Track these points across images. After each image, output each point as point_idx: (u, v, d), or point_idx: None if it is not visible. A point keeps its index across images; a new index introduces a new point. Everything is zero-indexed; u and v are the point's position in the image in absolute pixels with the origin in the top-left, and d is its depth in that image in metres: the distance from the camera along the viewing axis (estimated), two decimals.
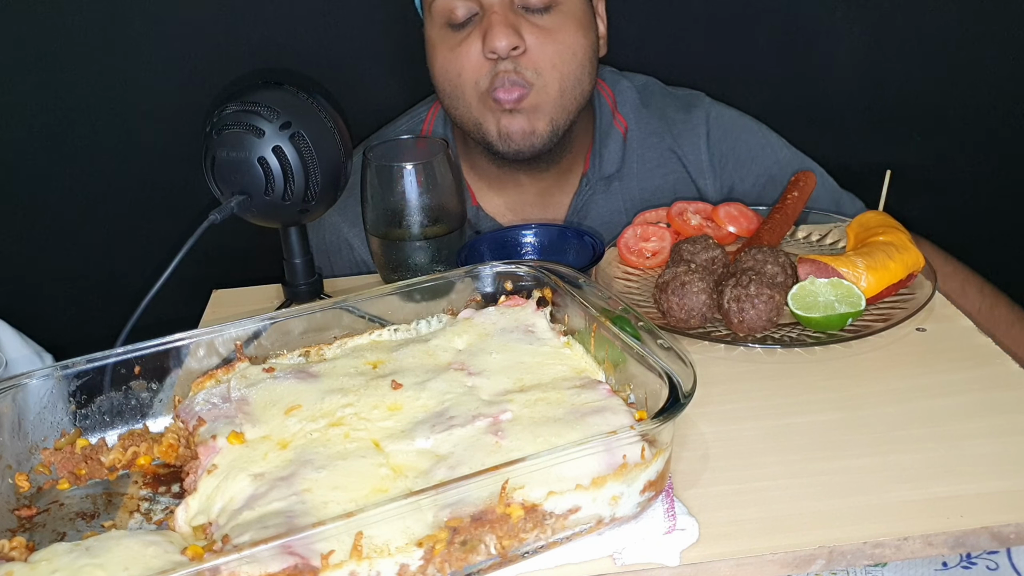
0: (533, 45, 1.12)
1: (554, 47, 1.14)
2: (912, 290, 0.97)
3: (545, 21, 1.13)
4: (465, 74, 1.14)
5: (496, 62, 1.12)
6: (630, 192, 1.28)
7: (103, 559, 0.59)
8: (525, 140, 1.16)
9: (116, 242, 1.54)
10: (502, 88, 1.13)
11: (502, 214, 1.29)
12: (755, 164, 1.30)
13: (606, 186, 1.27)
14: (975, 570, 0.74)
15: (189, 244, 0.90)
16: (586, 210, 1.27)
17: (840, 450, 0.75)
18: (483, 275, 0.89)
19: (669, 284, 0.93)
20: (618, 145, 1.27)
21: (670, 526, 0.66)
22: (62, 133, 1.47)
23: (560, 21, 1.14)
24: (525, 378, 0.76)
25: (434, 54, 1.17)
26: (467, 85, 1.15)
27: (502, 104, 1.14)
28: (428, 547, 0.59)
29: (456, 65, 1.14)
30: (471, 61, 1.13)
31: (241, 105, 0.92)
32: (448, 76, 1.16)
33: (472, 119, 1.17)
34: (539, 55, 1.13)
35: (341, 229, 1.25)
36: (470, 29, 1.13)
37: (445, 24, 1.14)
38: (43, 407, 0.75)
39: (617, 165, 1.28)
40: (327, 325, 0.85)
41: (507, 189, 1.27)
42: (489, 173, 1.27)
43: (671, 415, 0.64)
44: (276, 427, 0.72)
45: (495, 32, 1.09)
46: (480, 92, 1.14)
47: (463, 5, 1.12)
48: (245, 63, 1.44)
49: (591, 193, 1.27)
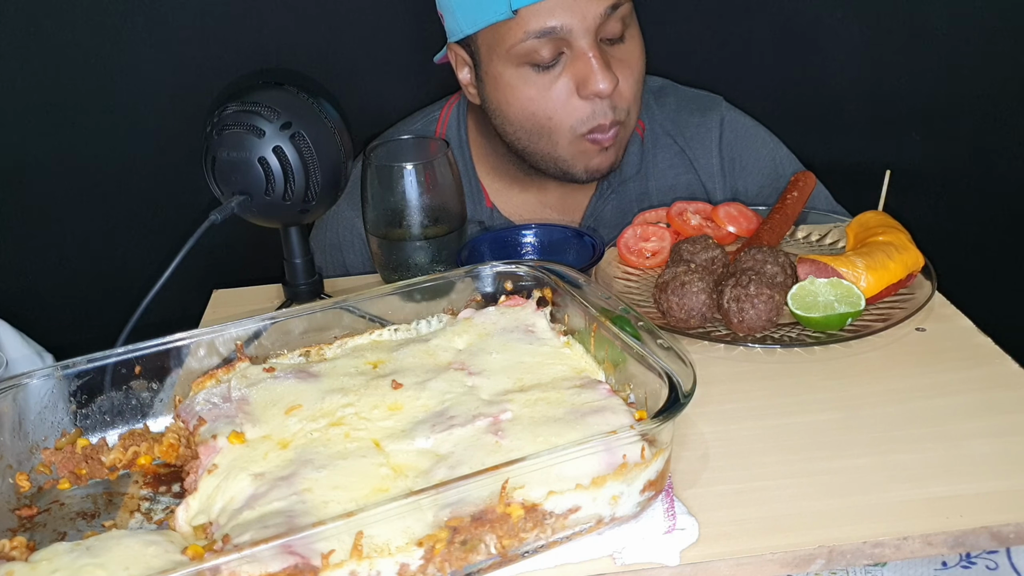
0: (620, 79, 1.11)
1: (634, 79, 1.13)
2: (912, 290, 0.97)
3: (623, 52, 1.12)
4: (557, 117, 1.12)
5: (593, 103, 1.10)
6: (645, 194, 1.29)
7: (104, 559, 0.59)
8: (607, 172, 1.18)
9: (116, 242, 1.54)
10: (601, 133, 1.12)
11: (518, 215, 1.29)
12: (761, 174, 1.30)
13: (622, 188, 1.28)
14: (975, 570, 0.74)
15: (189, 244, 0.90)
16: (602, 212, 1.28)
17: (840, 450, 0.75)
18: (483, 275, 0.89)
19: (669, 284, 0.94)
20: (636, 147, 1.28)
21: (670, 526, 0.66)
22: (62, 133, 1.47)
23: (632, 48, 1.14)
24: (525, 378, 0.76)
25: (513, 94, 1.13)
26: (561, 128, 1.12)
27: (601, 144, 1.13)
28: (428, 547, 0.59)
29: (546, 107, 1.11)
30: (564, 103, 1.11)
31: (241, 105, 0.92)
32: (536, 118, 1.13)
33: (556, 156, 1.16)
34: (624, 89, 1.12)
35: (355, 224, 1.25)
36: (559, 70, 1.10)
37: (525, 64, 1.10)
38: (44, 407, 0.75)
39: (636, 167, 1.28)
40: (327, 325, 0.85)
41: (530, 191, 1.27)
42: (511, 176, 1.26)
43: (671, 415, 0.64)
44: (276, 427, 0.72)
45: (599, 76, 1.07)
46: (576, 136, 1.13)
47: (549, 46, 1.08)
48: (245, 63, 1.44)
49: (610, 195, 1.27)
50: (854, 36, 1.53)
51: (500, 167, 1.27)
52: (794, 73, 1.55)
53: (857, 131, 1.59)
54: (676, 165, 1.29)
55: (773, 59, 1.54)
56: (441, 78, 1.30)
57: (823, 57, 1.54)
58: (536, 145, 1.16)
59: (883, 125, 1.58)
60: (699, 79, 1.38)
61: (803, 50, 1.54)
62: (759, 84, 1.54)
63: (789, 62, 1.55)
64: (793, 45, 1.53)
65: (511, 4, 1.06)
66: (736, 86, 1.42)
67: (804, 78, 1.56)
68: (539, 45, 1.08)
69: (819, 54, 1.54)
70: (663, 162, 1.29)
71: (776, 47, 1.54)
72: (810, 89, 1.56)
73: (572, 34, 1.07)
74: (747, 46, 1.54)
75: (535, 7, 1.06)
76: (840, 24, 1.52)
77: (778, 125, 1.35)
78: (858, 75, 1.55)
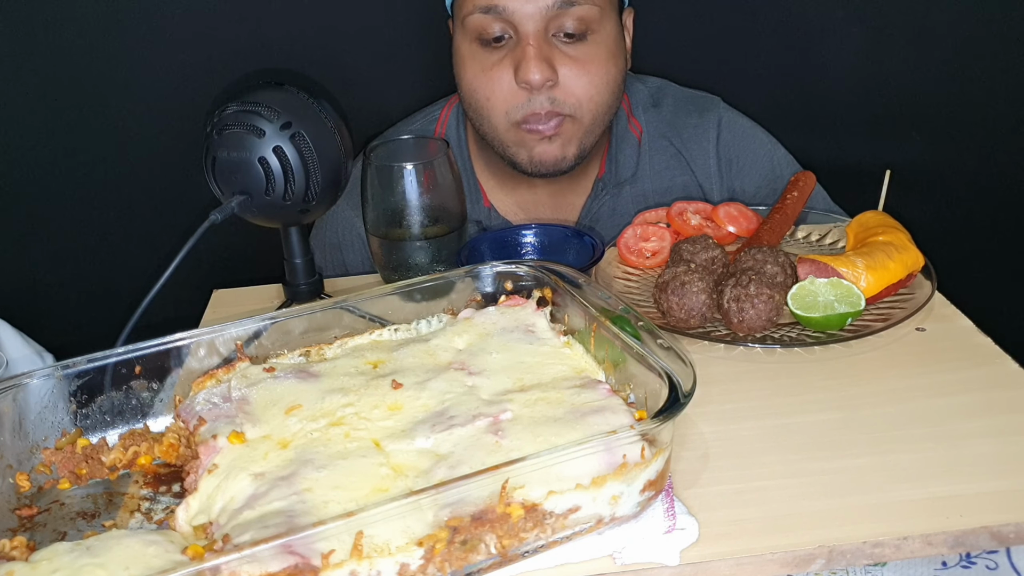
0: (566, 77, 1.11)
1: (587, 79, 1.13)
2: (912, 290, 0.97)
3: (579, 51, 1.12)
4: (495, 99, 1.13)
5: (529, 92, 1.11)
6: (641, 195, 1.29)
7: (104, 558, 0.59)
8: (555, 165, 1.17)
9: (116, 242, 1.54)
10: (538, 122, 1.12)
11: (514, 214, 1.29)
12: (758, 175, 1.30)
13: (618, 189, 1.28)
14: (974, 570, 0.74)
15: (190, 244, 0.90)
16: (598, 213, 1.28)
17: (840, 450, 0.75)
18: (483, 275, 0.89)
19: (669, 284, 0.94)
20: (633, 150, 1.28)
21: (670, 525, 0.66)
22: (62, 133, 1.47)
23: (593, 51, 1.13)
24: (525, 378, 0.76)
25: (463, 67, 1.15)
26: (496, 111, 1.14)
27: (539, 134, 1.13)
28: (428, 546, 0.59)
29: (486, 88, 1.13)
30: (502, 88, 1.12)
31: (242, 105, 0.92)
32: (476, 96, 1.15)
33: (499, 141, 1.17)
34: (573, 86, 1.12)
35: (355, 224, 1.25)
36: (503, 52, 1.11)
37: (476, 39, 1.12)
38: (44, 407, 0.75)
39: (632, 169, 1.28)
40: (327, 325, 0.85)
41: (520, 190, 1.28)
42: (503, 175, 1.27)
43: (671, 415, 0.64)
44: (277, 427, 0.72)
45: (529, 66, 1.08)
46: (512, 122, 1.13)
47: (497, 24, 1.10)
48: (245, 63, 1.44)
49: (605, 196, 1.27)
50: (854, 36, 1.53)
51: (494, 165, 1.27)
52: (794, 73, 1.55)
53: (857, 131, 1.59)
54: (673, 166, 1.29)
55: (773, 59, 1.54)
56: (441, 78, 1.30)
57: (823, 57, 1.54)
58: (481, 126, 1.17)
59: (883, 125, 1.58)
60: (698, 79, 1.38)
61: (803, 50, 1.54)
62: (759, 84, 1.54)
63: (789, 62, 1.55)
64: (793, 45, 1.53)
65: None
66: (736, 86, 1.42)
67: (804, 78, 1.56)
68: (485, 21, 1.10)
69: (819, 54, 1.54)
70: (660, 163, 1.29)
71: (776, 47, 1.54)
72: (810, 89, 1.56)
73: (516, 17, 1.08)
74: (747, 46, 1.54)
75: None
76: (840, 24, 1.52)
77: (778, 125, 1.35)
78: (858, 75, 1.55)
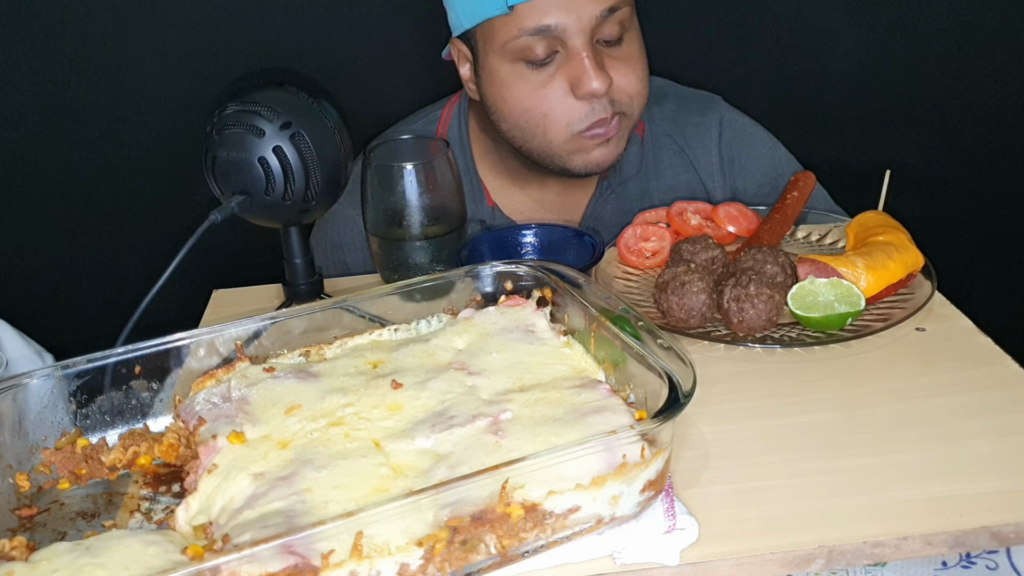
0: (618, 78, 1.11)
1: (635, 75, 1.14)
2: (912, 290, 0.97)
3: (621, 52, 1.13)
4: (553, 115, 1.12)
5: (591, 102, 1.11)
6: (645, 193, 1.29)
7: (104, 558, 0.59)
8: (610, 164, 1.18)
9: (116, 242, 1.54)
10: (603, 126, 1.12)
11: (520, 213, 1.29)
12: (760, 174, 1.30)
13: (622, 188, 1.28)
14: (974, 570, 0.74)
15: (190, 244, 0.90)
16: (602, 212, 1.28)
17: (840, 450, 0.75)
18: (483, 275, 0.89)
19: (669, 284, 0.94)
20: (636, 148, 1.28)
21: (670, 525, 0.66)
22: (62, 133, 1.47)
23: (632, 48, 1.14)
24: (525, 378, 0.76)
25: (508, 90, 1.13)
26: (556, 125, 1.13)
27: (602, 138, 1.13)
28: (428, 546, 0.59)
29: (542, 106, 1.12)
30: (560, 102, 1.11)
31: (241, 105, 0.92)
32: (531, 115, 1.13)
33: (552, 153, 1.16)
34: (625, 86, 1.13)
35: (357, 222, 1.25)
36: (553, 68, 1.10)
37: (520, 60, 1.11)
38: (44, 407, 0.75)
39: (636, 168, 1.28)
40: (327, 325, 0.85)
41: (530, 189, 1.28)
42: (513, 174, 1.27)
43: (671, 415, 0.64)
44: (276, 427, 0.72)
45: (591, 76, 1.08)
46: (573, 133, 1.13)
47: (543, 43, 1.08)
48: (245, 63, 1.44)
49: (609, 195, 1.28)
50: (854, 36, 1.53)
51: (501, 165, 1.27)
52: (794, 73, 1.56)
53: (857, 131, 1.59)
54: (676, 164, 1.30)
55: (773, 59, 1.54)
56: (441, 78, 1.30)
57: (823, 57, 1.54)
58: (531, 142, 1.16)
59: (883, 125, 1.58)
60: (699, 79, 1.38)
61: (803, 50, 1.54)
62: (759, 84, 1.54)
63: (789, 62, 1.55)
64: (793, 45, 1.53)
65: (507, 0, 1.06)
66: (736, 86, 1.42)
67: (804, 78, 1.56)
68: (533, 42, 1.08)
69: (819, 54, 1.54)
70: (663, 161, 1.30)
71: (776, 47, 1.54)
72: (810, 89, 1.56)
73: (566, 33, 1.08)
74: (747, 46, 1.54)
75: (531, 4, 1.07)
76: (840, 24, 1.52)
77: (778, 125, 1.35)
78: (858, 75, 1.55)
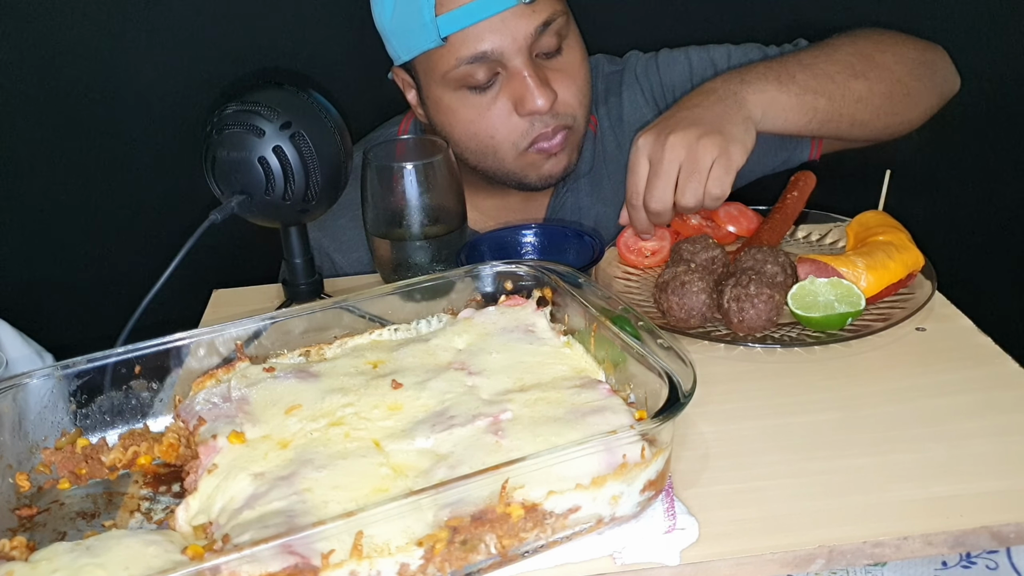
0: (560, 91, 1.11)
1: (576, 85, 1.14)
2: (912, 290, 0.97)
3: (560, 63, 1.12)
4: (499, 135, 1.12)
5: (532, 118, 1.11)
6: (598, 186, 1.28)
7: (104, 558, 0.59)
8: (563, 175, 1.18)
9: (116, 242, 1.54)
10: (546, 140, 1.12)
11: (483, 223, 1.28)
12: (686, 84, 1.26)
13: (576, 184, 1.28)
14: (975, 570, 0.74)
15: (189, 244, 0.90)
16: (561, 210, 1.28)
17: (840, 449, 0.75)
18: (483, 275, 0.89)
19: (669, 284, 0.94)
20: (589, 144, 1.27)
21: (670, 525, 0.66)
22: (62, 133, 1.47)
23: (572, 57, 1.13)
24: (525, 378, 0.76)
25: (452, 116, 1.14)
26: (503, 146, 1.13)
27: (547, 152, 1.13)
28: (428, 546, 0.59)
29: (488, 128, 1.12)
30: (504, 123, 1.11)
31: (241, 105, 0.92)
32: (479, 139, 1.14)
33: (507, 171, 1.16)
34: (567, 97, 1.12)
35: (322, 244, 1.25)
36: (495, 90, 1.10)
37: (462, 87, 1.11)
38: (44, 407, 0.75)
39: (589, 163, 1.28)
40: (327, 325, 0.85)
41: (494, 199, 1.27)
42: (476, 186, 1.25)
43: (671, 415, 0.64)
44: (276, 427, 0.72)
45: (535, 95, 1.08)
46: (519, 150, 1.13)
47: (483, 69, 1.08)
48: (245, 63, 1.44)
49: (566, 193, 1.27)
50: None
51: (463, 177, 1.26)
52: None
53: None
54: (623, 144, 1.28)
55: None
56: None
57: None
58: (484, 163, 1.17)
59: None
60: None
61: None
62: None
63: None
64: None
65: (439, 31, 1.06)
66: None
67: None
68: (472, 70, 1.08)
69: None
70: (611, 149, 1.29)
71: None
72: None
73: (504, 56, 1.07)
74: None
75: (463, 33, 1.06)
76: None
77: None
78: None
